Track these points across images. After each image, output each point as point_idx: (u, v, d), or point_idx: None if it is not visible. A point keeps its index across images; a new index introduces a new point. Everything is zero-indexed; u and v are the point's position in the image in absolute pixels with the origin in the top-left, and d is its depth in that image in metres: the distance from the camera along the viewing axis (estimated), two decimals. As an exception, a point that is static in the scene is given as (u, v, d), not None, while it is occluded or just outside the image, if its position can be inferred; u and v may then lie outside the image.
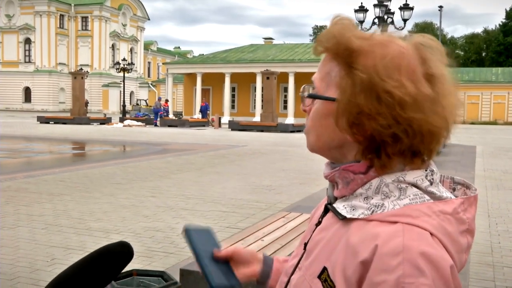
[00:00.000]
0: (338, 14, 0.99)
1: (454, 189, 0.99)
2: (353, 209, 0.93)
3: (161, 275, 2.03)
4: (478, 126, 48.23)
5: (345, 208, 0.95)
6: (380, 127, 0.89)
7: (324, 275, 0.93)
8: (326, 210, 1.03)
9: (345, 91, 0.92)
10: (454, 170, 13.08)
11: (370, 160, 0.94)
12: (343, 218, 0.93)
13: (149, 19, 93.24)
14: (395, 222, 0.87)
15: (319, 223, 1.04)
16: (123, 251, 1.27)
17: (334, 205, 0.98)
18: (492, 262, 5.67)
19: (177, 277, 3.61)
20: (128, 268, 1.35)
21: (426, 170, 0.94)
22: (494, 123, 55.35)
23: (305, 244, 1.05)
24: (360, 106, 0.90)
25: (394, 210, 0.88)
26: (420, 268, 0.81)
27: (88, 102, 71.53)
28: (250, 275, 1.21)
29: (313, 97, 0.98)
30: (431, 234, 0.85)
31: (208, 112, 43.61)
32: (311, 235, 1.04)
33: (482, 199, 9.37)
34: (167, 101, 45.87)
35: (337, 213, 0.96)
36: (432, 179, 0.93)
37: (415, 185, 0.91)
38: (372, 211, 0.90)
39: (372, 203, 0.92)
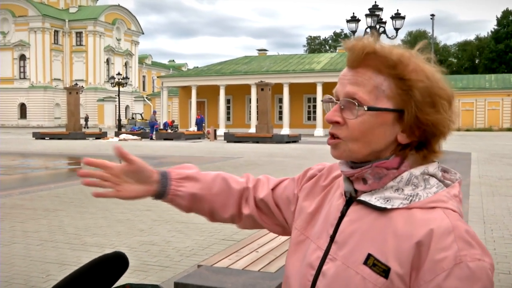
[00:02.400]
0: (367, 33, 1.08)
1: None
2: (388, 201, 1.07)
3: (155, 288, 2.02)
4: (473, 133, 48.36)
5: (378, 200, 1.08)
6: (441, 129, 1.07)
7: (370, 261, 1.04)
8: (347, 203, 1.13)
9: (409, 102, 1.05)
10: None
11: (402, 157, 1.09)
12: (382, 209, 1.06)
13: (143, 33, 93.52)
14: (435, 207, 1.04)
15: (342, 216, 1.13)
16: (118, 261, 1.28)
17: (363, 198, 1.10)
18: (487, 268, 5.66)
19: (171, 291, 3.62)
20: (122, 282, 1.36)
21: (438, 162, 1.11)
22: (489, 129, 55.48)
23: (332, 237, 1.12)
24: (427, 114, 1.05)
25: (429, 198, 1.05)
26: (469, 242, 0.99)
27: (88, 117, 71.68)
28: (143, 193, 1.31)
29: (376, 109, 1.06)
30: (458, 214, 1.04)
31: (203, 124, 43.70)
32: (337, 227, 1.12)
33: (477, 205, 9.39)
34: (173, 121, 46.46)
35: (371, 206, 1.08)
36: (441, 169, 1.12)
37: (434, 175, 1.09)
38: (410, 200, 1.05)
39: (406, 193, 1.06)
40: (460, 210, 1.06)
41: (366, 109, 1.06)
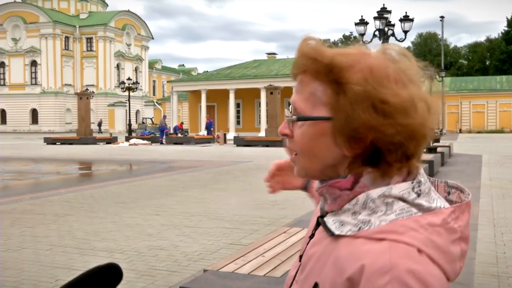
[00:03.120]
0: (307, 35, 1.00)
1: (449, 193, 0.99)
2: (342, 225, 0.93)
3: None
4: (485, 135, 48.08)
5: (335, 223, 0.95)
6: (384, 137, 0.90)
7: None
8: (318, 223, 1.03)
9: (340, 108, 0.92)
10: (459, 180, 13.04)
11: (356, 176, 0.94)
12: (332, 235, 0.94)
13: (153, 38, 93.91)
14: (382, 239, 0.86)
15: (312, 235, 1.04)
16: (112, 273, 1.28)
17: (325, 219, 0.98)
18: (497, 272, 5.63)
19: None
20: (128, 286, 1.37)
21: (412, 182, 0.93)
22: (500, 131, 55.14)
23: (300, 257, 1.06)
24: (360, 120, 0.90)
25: (381, 227, 0.88)
26: (408, 285, 0.81)
27: (101, 122, 71.98)
28: (294, 187, 1.50)
29: (304, 119, 0.96)
30: (419, 249, 0.85)
31: (212, 128, 43.73)
32: (305, 248, 1.05)
33: (487, 208, 9.33)
34: (182, 124, 46.38)
35: (326, 229, 0.96)
36: (420, 190, 0.92)
37: (402, 199, 0.91)
38: (359, 228, 0.90)
39: (359, 219, 0.92)
40: (432, 243, 0.87)
41: (295, 119, 0.97)
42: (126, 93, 52.23)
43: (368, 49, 0.97)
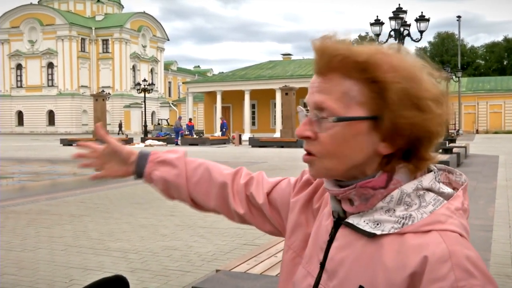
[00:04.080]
0: (332, 32, 0.98)
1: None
2: (378, 224, 0.94)
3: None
4: (502, 136, 47.62)
5: (368, 223, 0.95)
6: (424, 132, 0.93)
7: None
8: (336, 225, 1.02)
9: (382, 107, 0.92)
10: (475, 181, 12.93)
11: (390, 173, 0.96)
12: (371, 236, 0.93)
13: (168, 40, 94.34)
14: (429, 231, 0.90)
15: (331, 239, 1.01)
16: (119, 285, 1.30)
17: (351, 221, 0.97)
18: (512, 273, 5.59)
19: (189, 295, 3.64)
20: (140, 287, 1.40)
21: (434, 173, 0.98)
22: (518, 132, 54.59)
23: (322, 264, 1.02)
24: (405, 117, 0.91)
25: (424, 219, 0.91)
26: (469, 270, 0.86)
27: (122, 123, 72.35)
28: (123, 173, 1.42)
29: (347, 119, 0.94)
30: (460, 234, 0.91)
31: (224, 129, 43.57)
32: (327, 254, 1.01)
33: (503, 209, 9.25)
34: (190, 120, 46.13)
35: (360, 230, 0.95)
36: (439, 179, 0.99)
37: (430, 189, 0.95)
38: (403, 224, 0.92)
39: (398, 215, 0.93)
40: (463, 226, 0.92)
41: (334, 120, 0.94)
42: (142, 94, 52.50)
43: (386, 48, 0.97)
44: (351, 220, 0.97)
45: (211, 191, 1.37)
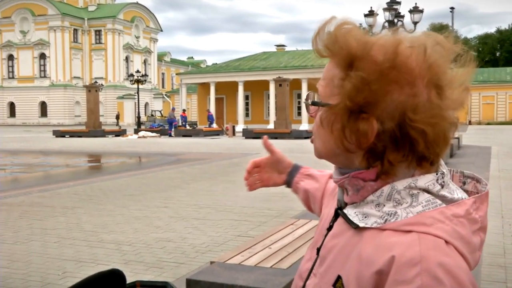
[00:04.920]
0: (343, 18, 0.97)
1: (464, 183, 0.99)
2: (365, 217, 0.92)
3: (165, 285, 2.04)
4: (494, 127, 47.81)
5: (357, 215, 0.94)
6: (381, 133, 0.89)
7: (339, 284, 0.93)
8: (336, 215, 1.02)
9: (343, 96, 0.91)
10: (468, 171, 12.96)
11: (380, 166, 0.92)
12: (356, 227, 0.93)
13: (161, 31, 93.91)
14: (410, 231, 0.86)
15: (330, 227, 1.03)
16: (115, 279, 1.28)
17: (345, 211, 0.98)
18: (504, 263, 5.61)
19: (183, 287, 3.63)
20: (134, 279, 1.39)
21: (436, 174, 0.92)
22: (510, 123, 54.81)
23: (318, 249, 1.04)
24: (368, 108, 0.89)
25: (408, 219, 0.87)
26: (438, 278, 0.80)
27: (119, 115, 71.97)
28: (280, 182, 1.53)
29: (314, 104, 0.98)
30: (446, 241, 0.85)
31: (209, 122, 43.89)
32: (323, 240, 1.03)
33: (496, 200, 9.28)
34: (184, 110, 46.02)
35: (349, 221, 0.95)
36: (443, 182, 0.92)
37: (426, 190, 0.90)
38: (386, 220, 0.89)
39: (384, 211, 0.91)
40: (458, 235, 0.86)
41: (309, 103, 0.99)
42: (135, 85, 52.31)
43: (412, 38, 0.93)
44: (346, 210, 0.98)
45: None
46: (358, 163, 0.94)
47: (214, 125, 44.60)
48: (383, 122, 0.89)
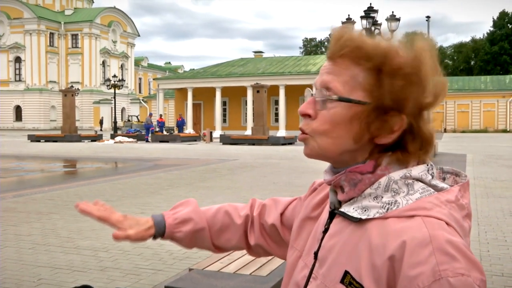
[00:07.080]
0: (348, 25, 1.03)
1: (444, 179, 1.04)
2: (365, 210, 0.96)
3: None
4: (469, 134, 48.45)
5: (356, 210, 0.98)
6: (413, 127, 0.97)
7: (347, 279, 0.95)
8: (331, 216, 1.05)
9: (383, 96, 0.96)
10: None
11: (377, 160, 0.99)
12: (359, 220, 0.96)
13: (139, 35, 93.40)
14: (412, 216, 0.91)
15: (325, 230, 1.05)
16: None
17: (342, 209, 1.00)
18: (481, 270, 5.65)
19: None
20: (112, 285, 1.38)
21: (428, 165, 0.99)
22: (484, 131, 55.61)
23: (315, 253, 1.05)
24: (399, 107, 0.96)
25: (409, 205, 0.93)
26: (451, 254, 0.86)
27: (103, 120, 71.02)
28: (145, 236, 1.33)
29: (347, 100, 0.97)
30: (446, 223, 0.91)
31: (184, 126, 43.88)
32: (321, 243, 1.04)
33: (471, 207, 9.38)
34: (161, 116, 45.77)
35: (349, 217, 0.98)
36: (433, 172, 1.00)
37: (420, 180, 0.97)
38: (387, 209, 0.94)
39: (384, 201, 0.95)
40: (454, 218, 0.92)
41: (336, 98, 0.98)
42: (112, 90, 51.96)
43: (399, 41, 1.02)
44: (343, 208, 1.01)
45: (233, 235, 1.41)
46: (362, 158, 1.00)
47: (189, 131, 44.53)
48: (407, 117, 0.97)
